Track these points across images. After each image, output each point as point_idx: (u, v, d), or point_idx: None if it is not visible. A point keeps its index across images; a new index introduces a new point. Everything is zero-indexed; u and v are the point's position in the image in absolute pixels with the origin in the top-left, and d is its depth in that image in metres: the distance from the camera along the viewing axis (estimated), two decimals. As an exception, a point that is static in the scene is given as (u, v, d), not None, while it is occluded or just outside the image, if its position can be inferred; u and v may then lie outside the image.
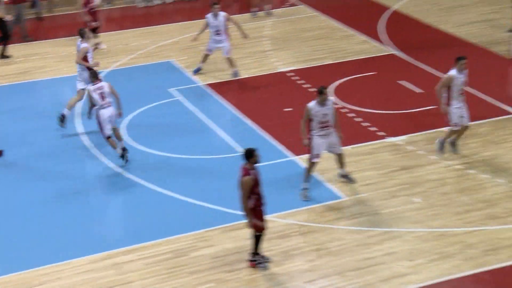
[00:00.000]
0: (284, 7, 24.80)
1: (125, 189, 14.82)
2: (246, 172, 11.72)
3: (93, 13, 21.27)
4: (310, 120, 13.96)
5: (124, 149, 15.46)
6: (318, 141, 14.01)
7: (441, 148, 15.30)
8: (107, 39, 22.38)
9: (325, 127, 13.97)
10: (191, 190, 14.50)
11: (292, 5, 25.06)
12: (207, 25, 19.14)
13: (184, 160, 15.76)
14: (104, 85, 15.51)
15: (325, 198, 14.15)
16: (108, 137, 15.51)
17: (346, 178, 14.64)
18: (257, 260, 12.26)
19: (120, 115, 15.76)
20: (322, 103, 13.85)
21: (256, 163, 11.81)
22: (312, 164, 14.19)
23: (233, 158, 15.31)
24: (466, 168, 14.97)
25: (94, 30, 21.28)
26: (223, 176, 14.89)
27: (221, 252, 12.66)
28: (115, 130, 15.59)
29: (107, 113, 15.40)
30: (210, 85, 19.09)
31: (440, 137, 15.38)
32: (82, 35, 17.25)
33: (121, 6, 25.61)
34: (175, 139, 16.63)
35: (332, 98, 14.34)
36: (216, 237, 13.10)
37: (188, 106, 18.06)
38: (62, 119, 17.02)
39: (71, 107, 17.20)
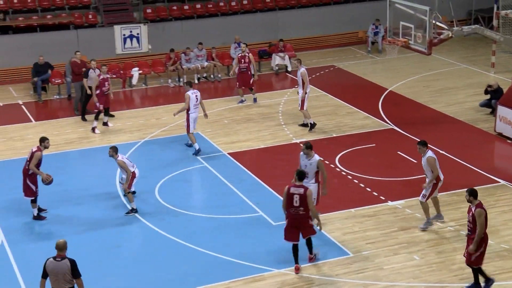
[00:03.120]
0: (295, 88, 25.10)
1: (158, 243, 14.93)
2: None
3: (104, 96, 20.94)
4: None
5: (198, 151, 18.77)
6: None
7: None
8: (142, 113, 22.73)
9: None
10: (216, 245, 14.62)
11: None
12: None
13: (209, 218, 15.90)
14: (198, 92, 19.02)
15: (334, 254, 14.23)
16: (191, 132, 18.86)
17: None
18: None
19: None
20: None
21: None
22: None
23: (253, 218, 15.46)
24: (458, 230, 14.99)
25: (106, 111, 21.22)
26: (244, 233, 15.01)
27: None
28: None
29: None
30: (232, 154, 19.26)
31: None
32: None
33: (155, 86, 25.94)
34: (203, 200, 16.91)
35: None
36: (240, 287, 13.18)
37: (214, 171, 18.22)
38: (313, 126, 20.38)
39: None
